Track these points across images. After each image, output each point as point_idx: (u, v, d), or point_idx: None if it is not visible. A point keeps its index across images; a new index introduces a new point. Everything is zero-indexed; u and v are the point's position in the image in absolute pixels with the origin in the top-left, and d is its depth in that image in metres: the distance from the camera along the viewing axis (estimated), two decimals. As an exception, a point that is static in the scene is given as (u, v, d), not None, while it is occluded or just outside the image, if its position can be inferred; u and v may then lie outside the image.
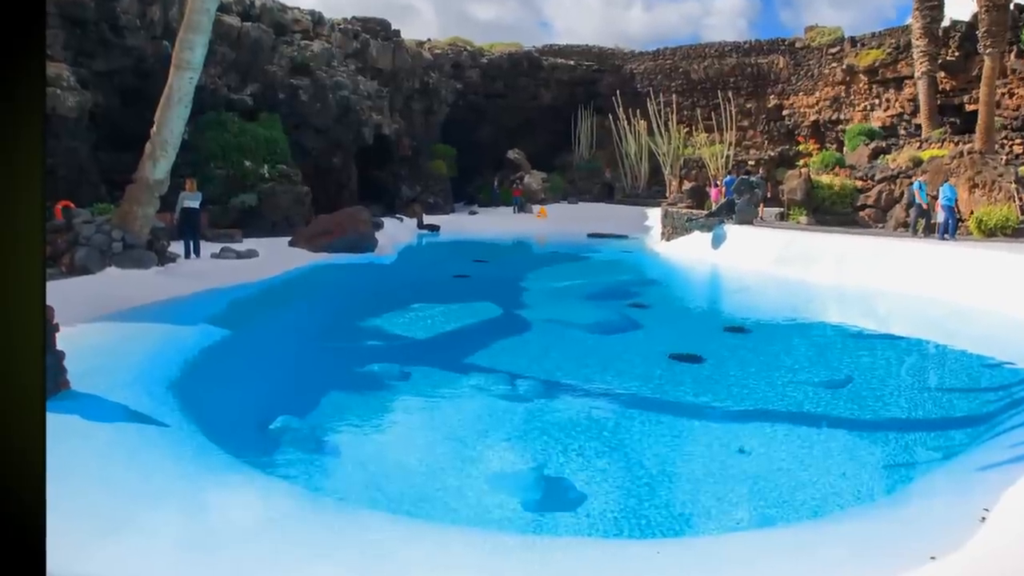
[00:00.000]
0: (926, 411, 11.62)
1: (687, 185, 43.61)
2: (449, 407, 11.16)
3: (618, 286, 24.30)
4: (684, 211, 36.86)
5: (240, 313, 16.49)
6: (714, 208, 34.53)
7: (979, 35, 34.05)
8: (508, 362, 13.72)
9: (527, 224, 46.58)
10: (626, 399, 11.71)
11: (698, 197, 39.98)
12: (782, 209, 33.96)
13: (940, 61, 39.53)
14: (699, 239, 32.27)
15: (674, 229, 35.84)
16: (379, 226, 32.34)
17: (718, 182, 39.18)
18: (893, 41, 43.56)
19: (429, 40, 55.19)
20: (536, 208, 49.31)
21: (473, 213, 49.40)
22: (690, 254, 31.53)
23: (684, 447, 9.63)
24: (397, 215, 41.74)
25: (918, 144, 35.72)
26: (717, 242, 30.74)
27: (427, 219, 43.07)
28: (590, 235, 42.25)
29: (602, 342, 16.11)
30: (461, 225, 44.10)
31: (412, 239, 38.44)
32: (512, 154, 54.19)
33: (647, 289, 24.19)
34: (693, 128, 52.43)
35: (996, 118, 33.63)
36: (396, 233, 35.56)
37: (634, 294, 22.22)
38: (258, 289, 19.57)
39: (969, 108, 38.40)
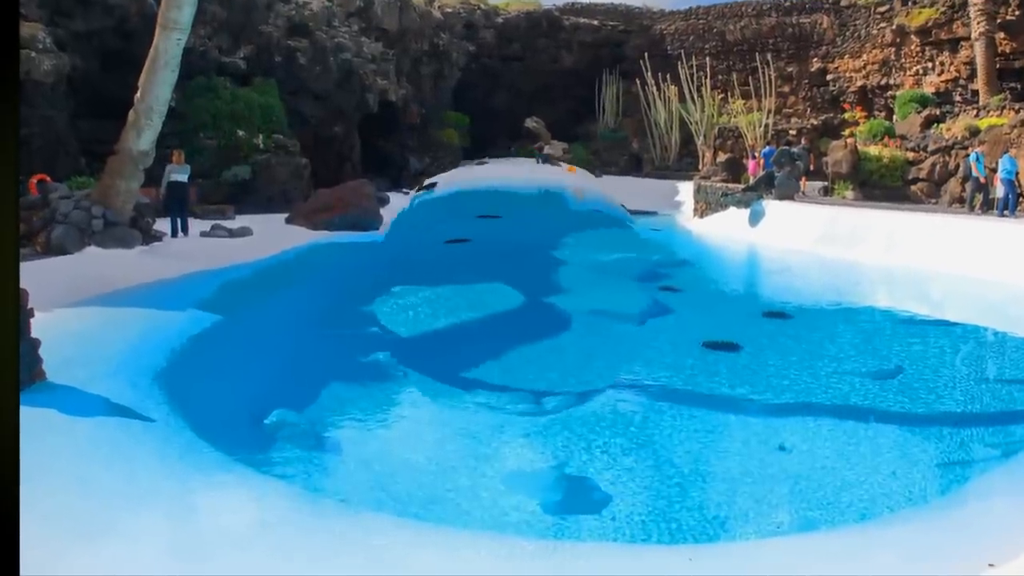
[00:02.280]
0: (984, 404, 11.56)
1: (722, 157, 43.40)
2: (460, 399, 11.15)
3: (647, 267, 24.21)
4: (719, 185, 36.72)
5: (232, 297, 16.47)
6: (751, 182, 34.36)
7: (1044, -9, 33.70)
8: (523, 350, 13.71)
9: (555, 173, 41.95)
10: (655, 391, 11.69)
11: (734, 170, 39.79)
12: (826, 183, 33.80)
13: (999, 20, 39.11)
14: (735, 216, 32.17)
15: (708, 205, 35.74)
16: (384, 202, 32.06)
17: (756, 153, 38.99)
18: (948, -2, 43.19)
19: (439, -3, 55.13)
20: (564, 165, 47.23)
21: (481, 163, 44.50)
22: (725, 232, 31.44)
23: (719, 444, 9.60)
24: (404, 189, 40.58)
25: (975, 112, 35.41)
26: (755, 219, 30.63)
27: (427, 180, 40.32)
28: None
29: (629, 328, 16.07)
30: (462, 175, 38.50)
31: (405, 205, 35.52)
32: (530, 122, 53.64)
33: (679, 270, 24.12)
34: (728, 94, 52.09)
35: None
36: (398, 207, 33.64)
37: (664, 276, 22.17)
38: (252, 271, 19.53)
39: (1032, 72, 38.08)
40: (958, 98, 41.71)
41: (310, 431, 9.33)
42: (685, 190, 43.06)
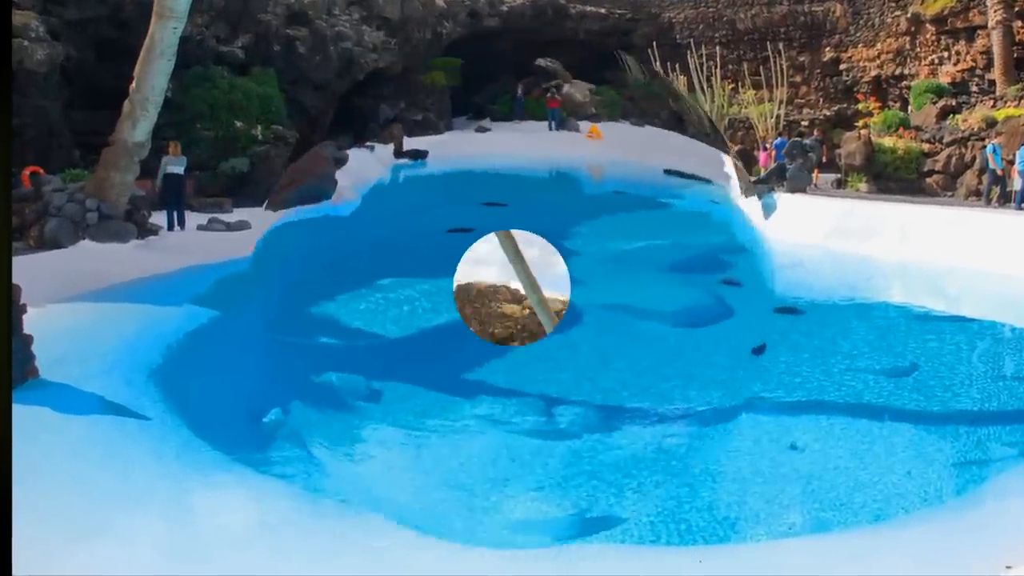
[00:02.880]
0: (1001, 402, 11.53)
1: (732, 148, 43.37)
2: (461, 399, 11.13)
3: (654, 261, 24.17)
4: (729, 177, 36.64)
5: (230, 292, 16.47)
6: (762, 174, 34.30)
7: (1063, -22, 33.60)
8: (530, 347, 13.70)
9: (570, 146, 38.04)
10: (662, 389, 11.66)
11: (745, 161, 39.71)
12: (839, 175, 33.72)
13: (1017, 9, 38.97)
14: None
15: (717, 197, 35.65)
16: (341, 162, 28.80)
17: (767, 145, 38.90)
18: (964, -14, 43.05)
19: (442, -15, 54.91)
20: (585, 126, 41.44)
21: (482, 130, 41.14)
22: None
23: (729, 443, 9.59)
24: (368, 144, 33.89)
25: (992, 102, 35.30)
26: (766, 212, 30.54)
27: (409, 143, 34.69)
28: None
29: (631, 324, 16.04)
30: (460, 148, 35.58)
31: (384, 175, 31.68)
32: (543, 62, 49.04)
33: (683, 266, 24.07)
34: (739, 84, 51.86)
35: (1082, 73, 33.20)
36: (362, 169, 30.13)
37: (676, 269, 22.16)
38: (250, 265, 19.52)
39: (1051, 62, 37.95)
40: (974, 88, 41.57)
41: (310, 430, 9.33)
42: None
